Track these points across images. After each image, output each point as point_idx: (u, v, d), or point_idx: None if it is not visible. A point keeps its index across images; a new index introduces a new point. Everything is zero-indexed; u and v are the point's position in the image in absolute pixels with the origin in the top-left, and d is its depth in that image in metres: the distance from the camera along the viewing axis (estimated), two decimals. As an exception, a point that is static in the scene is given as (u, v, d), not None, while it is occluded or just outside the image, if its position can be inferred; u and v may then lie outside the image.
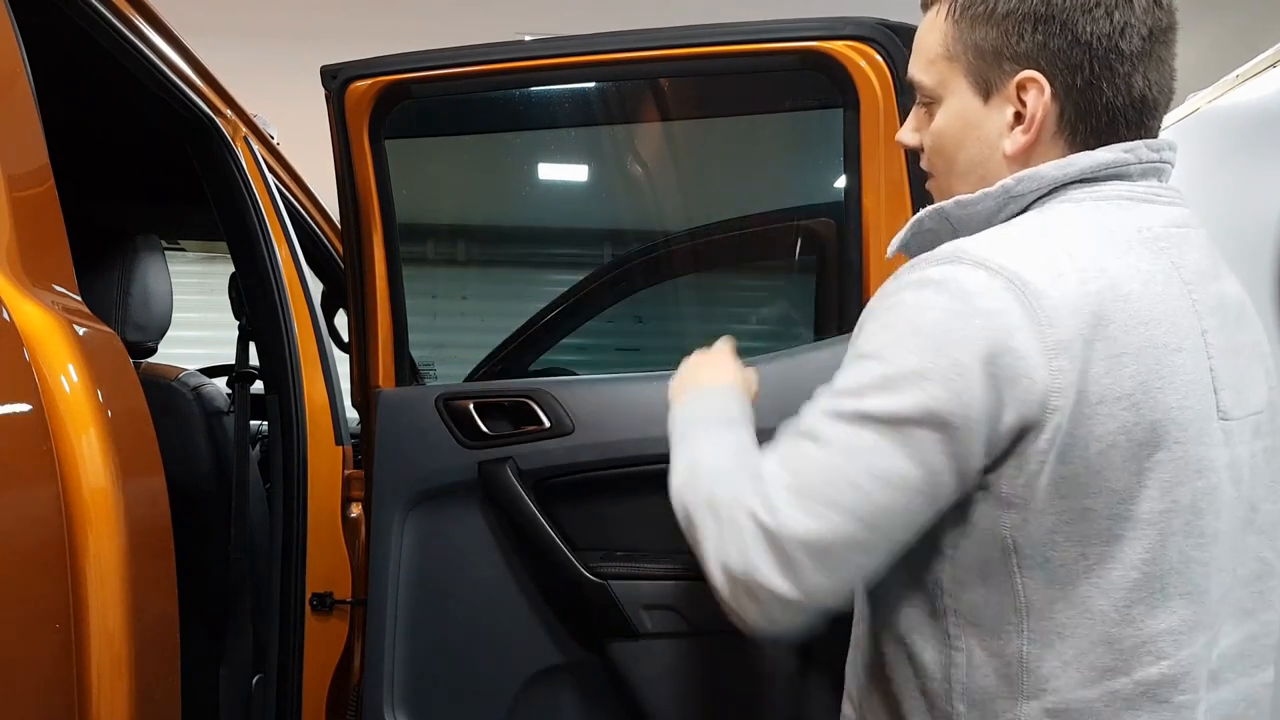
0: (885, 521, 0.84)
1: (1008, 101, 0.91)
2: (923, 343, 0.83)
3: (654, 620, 1.61)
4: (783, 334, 4.15)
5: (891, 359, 0.84)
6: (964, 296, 0.82)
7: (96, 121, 1.90)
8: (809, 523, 0.83)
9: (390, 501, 1.72)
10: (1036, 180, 0.90)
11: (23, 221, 0.99)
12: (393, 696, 1.73)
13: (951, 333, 0.82)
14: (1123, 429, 0.82)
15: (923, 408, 0.82)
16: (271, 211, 1.96)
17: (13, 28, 1.06)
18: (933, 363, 0.82)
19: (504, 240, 6.47)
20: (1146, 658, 0.85)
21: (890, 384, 0.83)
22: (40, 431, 0.88)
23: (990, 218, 0.92)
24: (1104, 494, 0.83)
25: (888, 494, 0.83)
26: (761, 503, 0.86)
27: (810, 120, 1.84)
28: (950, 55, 0.94)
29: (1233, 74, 2.13)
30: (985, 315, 0.81)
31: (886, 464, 0.83)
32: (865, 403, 0.84)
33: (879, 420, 0.83)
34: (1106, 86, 0.89)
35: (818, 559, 0.83)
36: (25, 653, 0.83)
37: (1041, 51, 0.89)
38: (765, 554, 0.84)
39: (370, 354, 1.77)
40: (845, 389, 0.87)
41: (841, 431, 0.85)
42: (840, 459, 0.84)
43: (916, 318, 0.84)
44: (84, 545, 0.91)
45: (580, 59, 1.63)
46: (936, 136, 0.97)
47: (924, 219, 0.96)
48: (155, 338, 1.86)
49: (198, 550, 1.92)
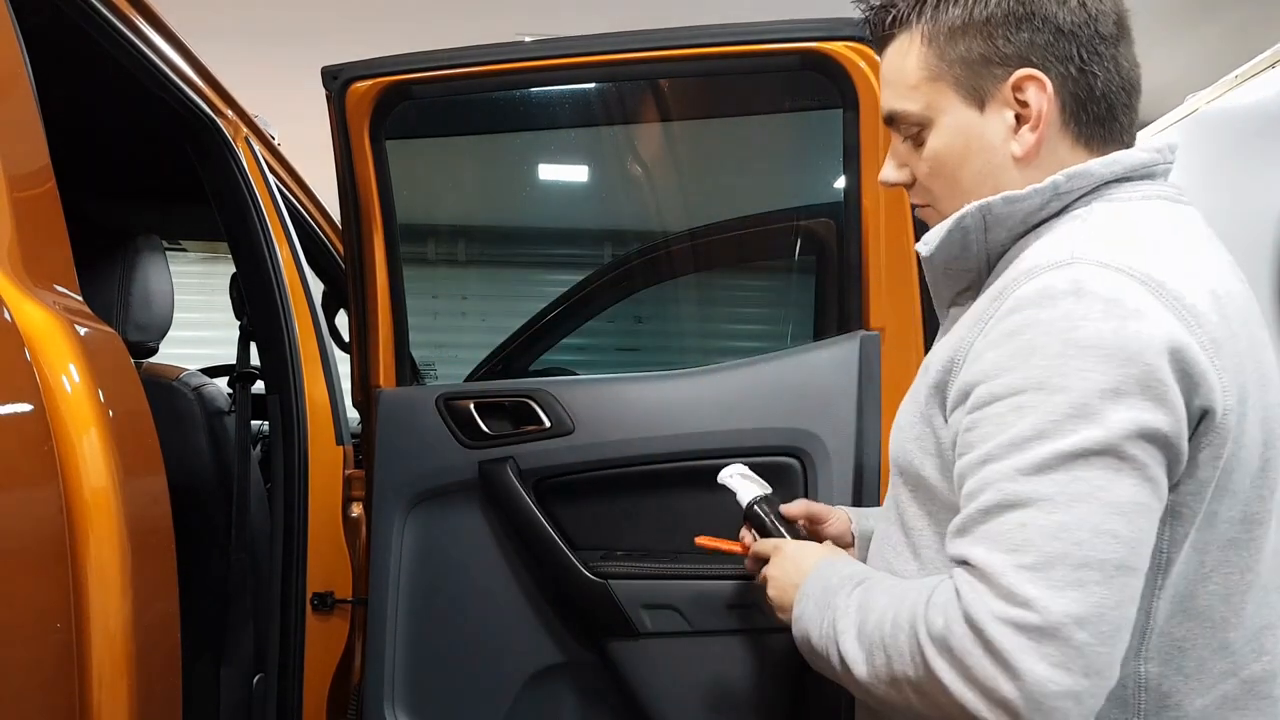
0: (1140, 558, 0.75)
1: (1005, 105, 0.90)
2: (1098, 356, 0.75)
3: (654, 620, 1.61)
4: (783, 334, 4.15)
5: (1068, 384, 0.75)
6: (1113, 300, 0.77)
7: (97, 121, 1.90)
8: (1074, 596, 0.72)
9: (391, 501, 1.73)
10: (1086, 177, 0.88)
11: (24, 221, 0.99)
12: (393, 696, 1.73)
13: (1125, 339, 0.75)
14: (1253, 430, 0.81)
15: (1133, 424, 0.74)
16: (272, 212, 1.96)
17: (13, 28, 1.06)
18: (1122, 374, 0.75)
19: (504, 240, 6.48)
20: (1252, 655, 0.84)
21: (1085, 411, 0.75)
22: (41, 431, 0.88)
23: (1028, 217, 0.89)
24: (1229, 497, 0.81)
25: (1133, 526, 0.74)
26: (1006, 602, 0.73)
27: (810, 120, 1.84)
28: (934, 75, 0.92)
29: (1232, 74, 2.13)
30: (1145, 317, 0.76)
31: (1120, 495, 0.74)
32: (1065, 442, 0.75)
33: (1091, 453, 0.74)
34: (1099, 70, 0.88)
35: (1100, 633, 0.72)
36: (26, 652, 0.83)
37: (1030, 49, 0.88)
38: (1041, 657, 0.72)
39: (371, 354, 1.77)
40: (1024, 437, 0.76)
41: (1053, 483, 0.74)
42: (1070, 512, 0.74)
43: (1071, 332, 0.76)
44: (85, 545, 0.91)
45: (580, 60, 1.63)
46: (934, 161, 0.94)
47: (967, 215, 0.90)
48: (156, 338, 1.86)
49: (199, 550, 1.92)
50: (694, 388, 1.67)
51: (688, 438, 1.62)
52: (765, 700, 1.60)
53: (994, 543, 0.76)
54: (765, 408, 1.63)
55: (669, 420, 1.65)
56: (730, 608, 1.58)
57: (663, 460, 1.64)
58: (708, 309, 4.52)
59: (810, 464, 1.60)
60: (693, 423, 1.63)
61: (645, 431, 1.65)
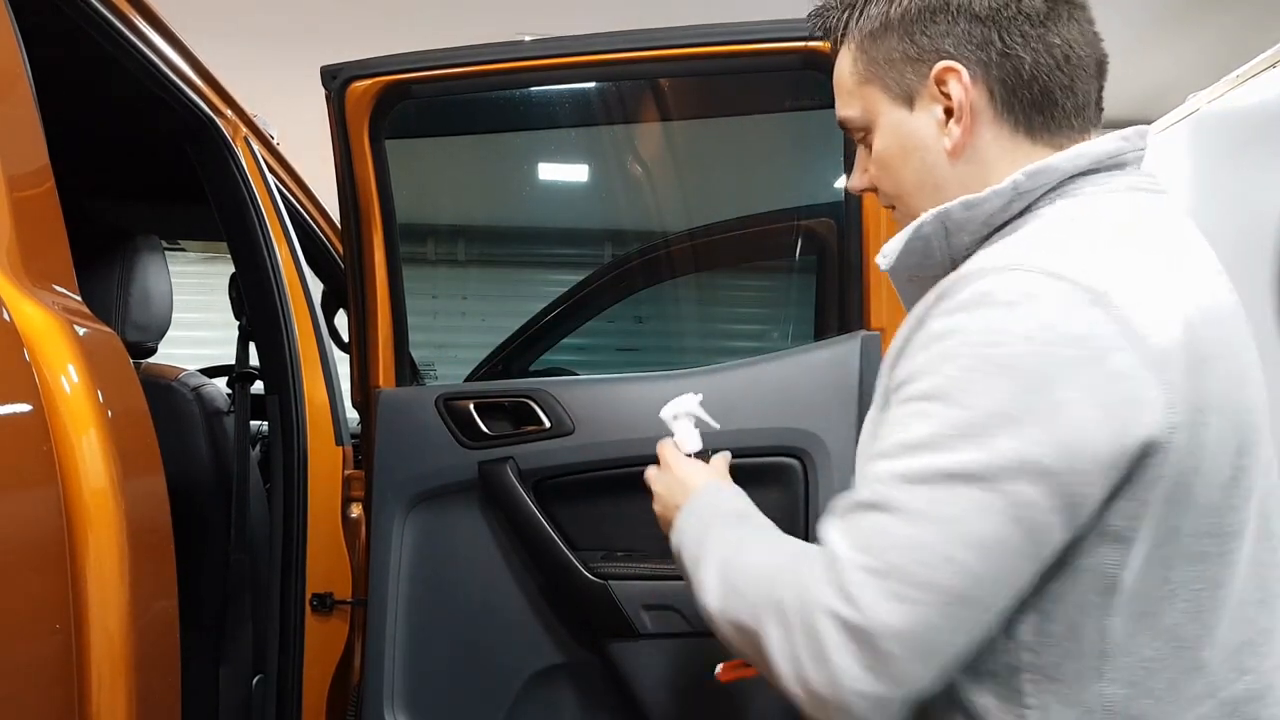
0: (988, 594, 0.74)
1: (933, 101, 0.88)
2: (1007, 380, 0.72)
3: (654, 620, 1.61)
4: (783, 334, 4.15)
5: (968, 401, 0.73)
6: (1044, 319, 0.73)
7: (97, 121, 1.90)
8: (897, 608, 0.72)
9: (390, 501, 1.72)
10: (1049, 173, 0.84)
11: (23, 222, 0.99)
12: (393, 696, 1.73)
13: (1040, 363, 0.72)
14: (1221, 438, 0.76)
15: (1020, 457, 0.71)
16: (271, 211, 1.96)
17: (13, 28, 1.06)
18: (1025, 403, 0.71)
19: (504, 240, 6.49)
20: (1231, 675, 0.79)
21: (974, 432, 0.72)
22: (40, 432, 0.88)
23: (991, 218, 0.85)
24: (1191, 511, 0.76)
25: (987, 563, 0.72)
26: (838, 594, 0.74)
27: (810, 120, 1.84)
28: (865, 79, 0.92)
29: (1233, 74, 2.13)
30: (1075, 341, 0.72)
31: (983, 529, 0.72)
32: (945, 458, 0.73)
33: (966, 478, 0.72)
34: (1025, 53, 0.85)
35: (915, 650, 0.73)
36: (25, 653, 0.83)
37: (946, 40, 0.86)
38: (852, 655, 0.73)
39: (370, 354, 1.77)
40: (914, 444, 0.75)
41: (921, 496, 0.73)
42: (926, 530, 0.73)
43: (989, 347, 0.73)
44: (84, 545, 0.91)
45: (580, 59, 1.63)
46: (879, 163, 0.93)
47: (924, 224, 0.88)
48: (155, 338, 1.85)
49: (198, 550, 1.92)
50: (694, 388, 1.66)
51: (688, 438, 1.61)
52: (765, 701, 1.60)
53: (852, 536, 0.76)
54: (765, 408, 1.62)
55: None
56: (730, 608, 1.58)
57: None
58: (708, 309, 4.53)
59: (810, 464, 1.60)
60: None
61: (645, 432, 1.64)
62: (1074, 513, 0.73)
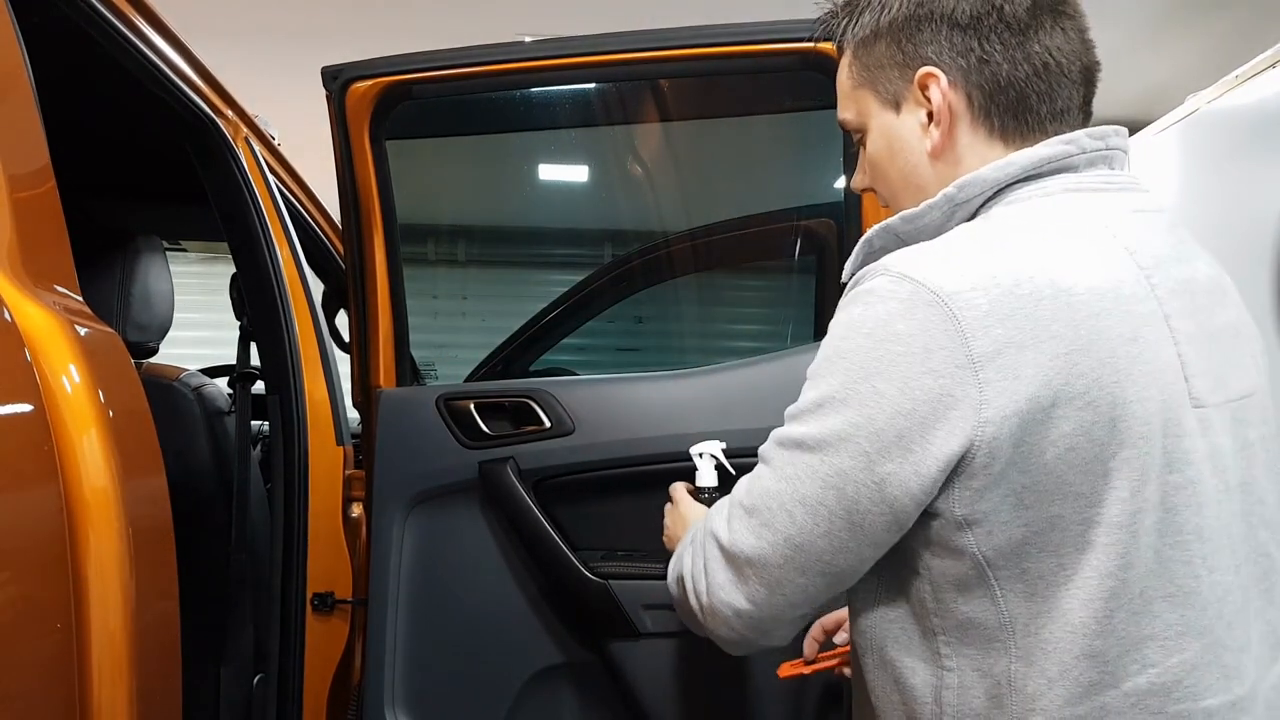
0: (813, 546, 0.86)
1: (917, 105, 0.93)
2: (845, 366, 0.83)
3: (654, 620, 1.61)
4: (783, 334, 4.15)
5: (819, 384, 0.86)
6: (882, 316, 0.82)
7: (97, 121, 1.90)
8: (751, 539, 0.88)
9: (391, 501, 1.73)
10: (979, 184, 0.89)
11: (24, 222, 0.99)
12: (393, 696, 1.73)
13: (871, 356, 0.82)
14: (1081, 430, 0.78)
15: (837, 433, 0.83)
16: (272, 212, 1.96)
17: (13, 28, 1.06)
18: (851, 388, 0.82)
19: (504, 240, 6.49)
20: (1133, 667, 0.81)
21: (818, 408, 0.85)
22: (41, 432, 0.88)
23: (939, 228, 0.90)
24: (1070, 499, 0.79)
25: (810, 520, 0.85)
26: (724, 523, 0.92)
27: (810, 120, 1.85)
28: (858, 83, 0.97)
29: (1233, 74, 2.13)
30: (902, 338, 0.80)
31: (808, 490, 0.85)
32: (796, 428, 0.87)
33: (804, 446, 0.85)
34: (1001, 59, 0.89)
35: (760, 574, 0.89)
36: (26, 653, 0.83)
37: (929, 47, 0.91)
38: (721, 568, 0.92)
39: (371, 354, 1.77)
40: (791, 413, 0.89)
41: (780, 455, 0.88)
42: (777, 483, 0.87)
43: (841, 340, 0.85)
44: (85, 545, 0.91)
45: (580, 60, 1.63)
46: (872, 164, 0.99)
47: (873, 238, 0.96)
48: (156, 338, 1.86)
49: (199, 550, 1.92)
50: (694, 388, 1.67)
51: (688, 438, 1.61)
52: (766, 701, 1.61)
53: (746, 481, 0.92)
54: (765, 408, 1.61)
55: (669, 420, 1.65)
56: (730, 608, 1.58)
57: (663, 460, 1.64)
58: (708, 309, 4.53)
59: (810, 464, 1.60)
60: (693, 423, 1.63)
61: (645, 431, 1.65)
62: (884, 491, 0.82)
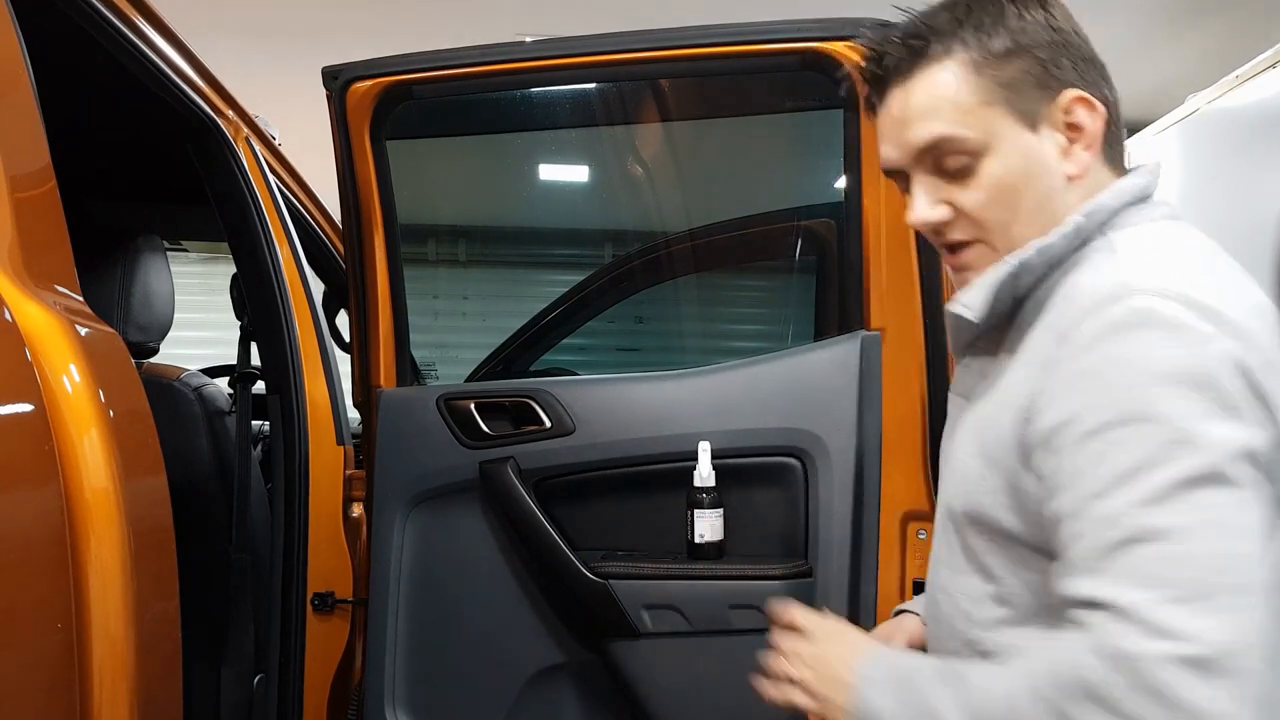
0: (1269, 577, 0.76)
1: (1054, 128, 0.92)
2: (1179, 383, 0.77)
3: (654, 620, 1.61)
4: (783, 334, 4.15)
5: (1158, 413, 0.76)
6: (1178, 327, 0.78)
7: (98, 121, 1.90)
8: (1227, 620, 0.72)
9: (391, 501, 1.73)
10: (1102, 212, 0.91)
11: (25, 222, 0.99)
12: (394, 696, 1.73)
13: (1200, 363, 0.77)
14: None
15: (1231, 445, 0.75)
16: (273, 212, 1.96)
17: (14, 28, 1.06)
18: (1207, 398, 0.76)
19: (505, 240, 6.48)
20: None
21: (1182, 438, 0.75)
22: (42, 431, 0.88)
23: (1054, 260, 0.91)
24: None
25: (1260, 546, 0.75)
26: (1157, 638, 0.72)
27: (810, 120, 1.85)
28: (988, 100, 0.91)
29: (1232, 74, 2.13)
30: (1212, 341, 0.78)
31: (1242, 518, 0.75)
32: (1172, 470, 0.75)
33: (1201, 479, 0.74)
34: (1112, 95, 0.94)
35: (1259, 656, 0.72)
36: (27, 653, 0.83)
37: (1071, 72, 0.92)
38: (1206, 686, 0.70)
39: (371, 354, 1.77)
40: (1127, 471, 0.76)
41: (1175, 512, 0.74)
42: (1203, 540, 0.73)
43: (1151, 363, 0.78)
44: (86, 545, 0.91)
45: (581, 60, 1.63)
46: (995, 188, 0.92)
47: (1007, 271, 0.91)
48: (157, 338, 1.86)
49: (199, 550, 1.92)
50: (694, 388, 1.67)
51: (688, 438, 1.62)
52: (765, 701, 1.60)
53: (1132, 579, 0.74)
54: (765, 408, 1.63)
55: (669, 420, 1.65)
56: (731, 608, 1.58)
57: (663, 460, 1.64)
58: (708, 309, 4.53)
59: (810, 464, 1.60)
60: (693, 423, 1.63)
61: (646, 431, 1.65)
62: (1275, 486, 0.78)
